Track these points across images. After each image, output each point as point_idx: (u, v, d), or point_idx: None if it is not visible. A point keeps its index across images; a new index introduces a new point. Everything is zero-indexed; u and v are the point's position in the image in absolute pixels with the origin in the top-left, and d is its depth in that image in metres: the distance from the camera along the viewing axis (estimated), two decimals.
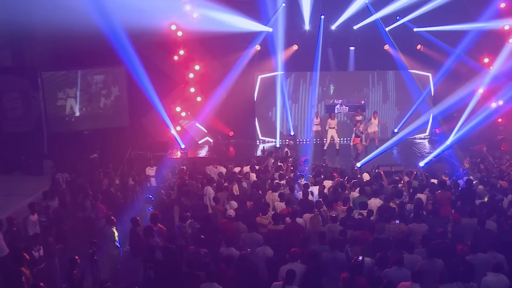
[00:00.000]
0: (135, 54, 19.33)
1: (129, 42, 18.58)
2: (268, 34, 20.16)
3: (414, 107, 20.83)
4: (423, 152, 19.07)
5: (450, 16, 19.51)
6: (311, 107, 20.74)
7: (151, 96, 19.71)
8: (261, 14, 19.64)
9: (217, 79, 20.31)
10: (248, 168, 15.04)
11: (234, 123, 21.21)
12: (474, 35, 19.18)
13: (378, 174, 13.71)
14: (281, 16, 20.23)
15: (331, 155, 19.05)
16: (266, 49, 20.35)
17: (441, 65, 20.58)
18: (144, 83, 19.52)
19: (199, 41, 20.11)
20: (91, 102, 19.46)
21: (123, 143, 19.54)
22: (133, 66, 19.44)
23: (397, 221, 10.06)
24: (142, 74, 19.60)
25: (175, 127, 20.48)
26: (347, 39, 21.28)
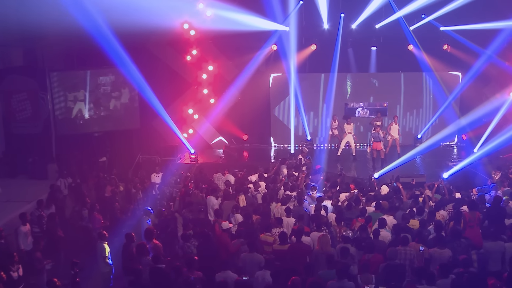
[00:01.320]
0: (146, 54, 18.89)
1: (140, 42, 18.12)
2: (285, 33, 19.18)
3: (440, 111, 19.55)
4: (449, 161, 17.78)
5: (479, 14, 18.26)
6: (329, 110, 19.57)
7: (163, 98, 19.21)
8: (277, 12, 18.64)
9: (231, 80, 19.50)
10: (256, 177, 14.11)
11: (249, 127, 20.35)
12: (506, 34, 17.85)
13: (396, 186, 12.61)
14: (298, 15, 19.30)
15: (346, 162, 18.00)
16: (282, 49, 19.34)
17: (469, 67, 19.23)
18: (156, 84, 19.01)
19: (212, 41, 19.48)
20: (101, 104, 18.79)
21: (133, 147, 18.96)
22: (145, 67, 18.98)
23: (421, 247, 8.98)
24: (154, 75, 19.15)
25: (187, 129, 19.75)
26: (368, 38, 20.13)
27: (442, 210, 11.31)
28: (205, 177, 14.77)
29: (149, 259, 9.11)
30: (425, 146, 18.08)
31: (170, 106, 19.61)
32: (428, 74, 19.90)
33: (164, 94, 19.11)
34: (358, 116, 20.36)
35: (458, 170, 14.46)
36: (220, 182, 14.53)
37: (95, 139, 19.05)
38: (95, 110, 18.81)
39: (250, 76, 19.14)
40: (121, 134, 18.95)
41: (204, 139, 20.04)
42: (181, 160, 18.12)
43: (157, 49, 19.14)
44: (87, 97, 18.48)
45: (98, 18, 15.46)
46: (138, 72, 18.30)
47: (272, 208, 11.99)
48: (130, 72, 17.63)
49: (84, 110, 18.50)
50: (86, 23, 15.28)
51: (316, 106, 20.15)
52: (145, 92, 17.69)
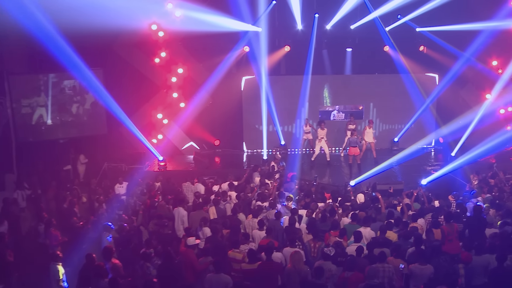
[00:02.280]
0: (112, 56, 18.00)
1: (105, 44, 17.27)
2: (257, 34, 18.49)
3: (417, 114, 19.04)
4: (426, 166, 17.29)
5: (455, 15, 17.91)
6: (303, 113, 18.90)
7: (131, 102, 18.38)
8: (249, 12, 17.94)
9: (202, 83, 18.64)
10: (226, 186, 13.37)
11: (220, 131, 19.57)
12: (482, 36, 17.53)
13: (375, 196, 11.99)
14: (271, 15, 18.67)
15: (321, 168, 17.33)
16: (255, 51, 18.65)
17: (445, 68, 18.91)
18: (122, 88, 18.16)
19: (182, 42, 18.67)
20: (66, 109, 17.80)
21: (100, 154, 17.98)
22: (111, 69, 18.09)
23: (402, 265, 8.36)
24: (120, 78, 18.28)
25: (157, 135, 18.91)
26: (343, 39, 19.55)
27: (421, 219, 10.74)
28: (172, 186, 13.97)
29: (106, 282, 8.30)
30: (406, 154, 17.37)
31: (138, 110, 18.87)
32: (404, 75, 19.38)
33: (132, 98, 18.39)
34: (334, 119, 19.77)
35: (438, 177, 13.89)
36: (189, 191, 13.78)
37: (59, 146, 18.08)
38: (59, 115, 17.83)
39: (222, 78, 18.37)
40: (88, 140, 18.02)
41: (174, 145, 19.18)
42: (149, 167, 17.24)
43: (123, 51, 18.24)
44: (49, 102, 17.49)
45: (60, 19, 14.66)
46: (103, 76, 17.75)
47: (243, 221, 11.28)
48: (93, 76, 16.84)
49: (46, 115, 17.48)
50: (48, 24, 14.55)
51: (289, 109, 19.44)
52: (108, 97, 16.87)
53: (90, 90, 17.29)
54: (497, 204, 11.50)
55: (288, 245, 9.45)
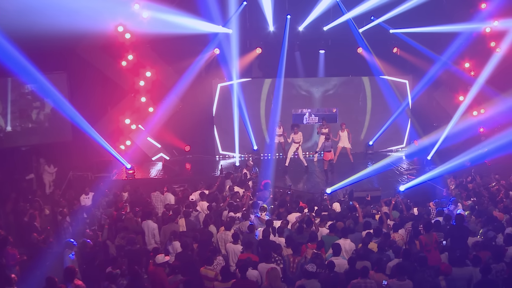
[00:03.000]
0: (76, 60, 17.17)
1: (68, 47, 16.46)
2: (227, 36, 17.94)
3: (393, 118, 18.77)
4: (402, 169, 17.01)
5: (429, 17, 17.79)
6: (276, 117, 18.41)
7: (97, 107, 17.61)
8: (219, 13, 17.38)
9: (171, 86, 17.99)
10: (197, 195, 12.75)
11: (191, 137, 18.91)
12: (457, 38, 17.40)
13: (352, 205, 11.55)
14: (241, 16, 18.11)
15: (295, 174, 16.86)
16: (225, 53, 18.13)
17: (419, 70, 18.77)
18: (88, 92, 17.37)
19: (150, 45, 18.08)
20: (24, 115, 16.91)
21: (64, 162, 17.10)
22: (74, 73, 17.26)
23: (385, 282, 7.91)
24: (85, 82, 17.49)
25: (125, 141, 18.15)
26: (316, 41, 19.16)
27: (401, 229, 10.35)
28: (141, 197, 13.25)
29: None
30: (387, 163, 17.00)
31: (105, 116, 18.15)
32: (378, 78, 19.11)
33: (98, 103, 17.68)
34: (306, 123, 19.31)
35: (416, 184, 13.53)
36: (158, 201, 13.12)
37: (20, 154, 17.18)
38: (20, 122, 16.94)
39: (192, 82, 17.81)
40: (50, 148, 17.16)
41: (143, 151, 18.43)
42: (116, 176, 16.47)
43: (88, 54, 17.39)
44: (8, 107, 16.59)
45: (18, 20, 13.88)
46: (67, 80, 16.98)
47: (215, 234, 10.69)
48: (59, 78, 15.98)
49: (5, 121, 16.55)
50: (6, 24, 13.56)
51: (261, 113, 18.91)
52: (66, 104, 16.06)
53: (46, 96, 16.36)
54: (478, 211, 11.18)
55: (264, 261, 8.90)
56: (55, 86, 16.43)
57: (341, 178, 14.99)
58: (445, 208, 11.53)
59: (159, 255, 9.03)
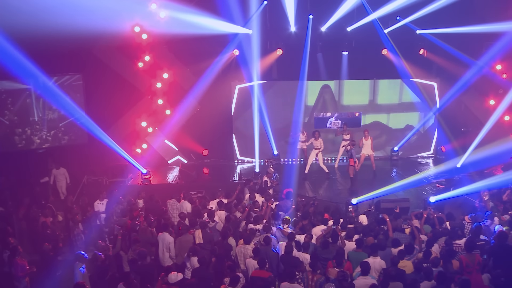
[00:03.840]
0: (92, 61, 16.71)
1: (84, 47, 16.02)
2: (247, 36, 17.29)
3: (422, 122, 17.92)
4: (429, 177, 16.17)
5: (459, 17, 16.88)
6: (296, 121, 17.73)
7: (113, 109, 17.12)
8: (239, 13, 16.74)
9: (189, 89, 17.47)
10: (215, 204, 12.13)
11: (209, 140, 18.29)
12: (486, 39, 16.52)
13: (382, 218, 10.80)
14: (262, 16, 17.41)
15: (316, 182, 16.13)
16: (245, 54, 17.47)
17: (447, 72, 17.87)
18: (103, 94, 16.88)
19: (167, 45, 17.50)
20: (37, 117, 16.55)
21: (79, 166, 16.66)
22: (90, 75, 16.79)
23: None
24: (101, 84, 17.00)
25: (141, 144, 17.65)
26: (339, 42, 18.37)
27: (435, 246, 9.60)
28: (156, 204, 12.68)
29: None
30: None
31: (121, 118, 17.61)
32: (405, 80, 18.33)
33: (113, 106, 17.12)
34: (330, 127, 18.58)
35: (450, 197, 12.64)
36: (174, 209, 12.55)
37: (36, 157, 16.76)
38: (34, 124, 16.55)
39: (210, 84, 17.17)
40: (65, 151, 16.75)
41: (159, 155, 17.89)
42: (132, 181, 15.94)
43: (104, 55, 16.88)
44: None
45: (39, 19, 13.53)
46: (82, 82, 16.55)
47: (234, 246, 10.07)
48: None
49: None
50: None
51: (282, 117, 18.23)
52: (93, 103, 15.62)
53: (62, 98, 15.90)
54: None
55: (287, 280, 8.25)
56: (71, 87, 16.10)
57: (364, 186, 14.32)
58: (481, 222, 10.72)
59: (171, 273, 8.45)
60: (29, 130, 16.49)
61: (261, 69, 17.64)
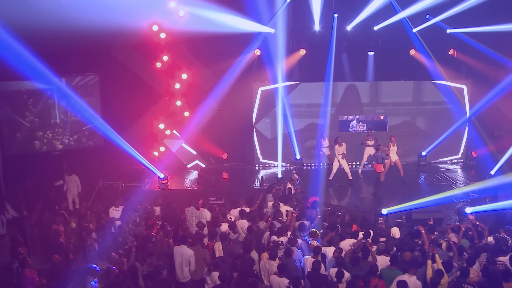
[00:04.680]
0: (108, 60, 16.18)
1: (101, 46, 15.53)
2: (269, 36, 16.60)
3: (454, 127, 17.05)
4: (460, 184, 15.30)
5: (492, 15, 15.96)
6: (320, 124, 17.00)
7: (130, 111, 16.59)
8: (261, 12, 16.10)
9: (208, 90, 16.92)
10: (236, 212, 11.44)
11: (229, 143, 17.63)
12: None
13: (416, 231, 10.00)
14: (285, 15, 16.63)
15: (342, 188, 15.38)
16: (266, 54, 16.79)
17: (479, 74, 16.93)
18: (120, 95, 16.35)
19: (186, 45, 16.98)
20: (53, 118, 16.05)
21: (94, 169, 16.13)
22: (107, 75, 16.30)
23: None
24: (118, 85, 16.46)
25: (158, 147, 17.09)
26: (365, 42, 17.62)
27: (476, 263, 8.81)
28: (174, 212, 12.03)
29: None
30: None
31: (138, 120, 17.08)
32: (434, 83, 17.48)
33: (130, 107, 16.63)
34: (353, 130, 17.78)
35: (493, 210, 11.72)
36: (193, 218, 11.87)
37: (51, 159, 16.26)
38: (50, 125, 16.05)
39: (230, 85, 16.53)
40: (80, 153, 16.22)
41: (178, 158, 17.31)
42: (149, 185, 15.35)
43: (121, 54, 16.38)
44: None
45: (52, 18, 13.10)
46: (99, 82, 16.05)
47: (256, 260, 9.39)
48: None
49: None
50: None
51: (305, 119, 17.50)
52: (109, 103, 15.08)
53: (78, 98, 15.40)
54: None
55: None
56: (87, 88, 15.60)
57: (390, 193, 13.53)
58: None
59: None
60: (51, 134, 16.01)
61: (284, 69, 16.90)
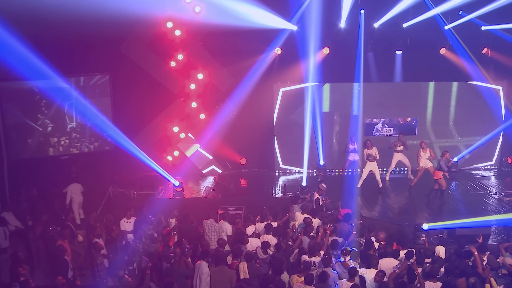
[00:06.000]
0: (120, 59, 15.23)
1: (112, 45, 14.73)
2: (291, 33, 15.57)
3: (494, 132, 15.88)
4: (499, 195, 14.12)
5: None
6: (345, 127, 15.96)
7: (142, 113, 15.65)
8: (282, 7, 15.05)
9: (226, 91, 16.02)
10: (262, 227, 10.37)
11: (247, 148, 16.55)
12: None
13: (467, 251, 8.88)
14: (306, 11, 15.43)
15: (372, 197, 14.23)
16: (288, 53, 15.78)
17: None
18: (132, 96, 15.39)
19: (202, 43, 16.00)
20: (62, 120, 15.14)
21: (104, 175, 15.18)
22: (118, 75, 15.48)
23: None
24: (130, 85, 15.50)
25: (172, 151, 16.10)
26: (392, 40, 16.45)
27: None
28: (191, 225, 10.96)
29: None
30: None
31: (151, 123, 16.18)
32: (466, 83, 16.33)
33: (143, 109, 15.77)
34: (378, 134, 16.65)
35: None
36: (212, 231, 10.84)
37: (59, 164, 15.31)
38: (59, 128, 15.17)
39: (249, 86, 15.55)
40: (90, 158, 15.37)
41: (193, 163, 16.28)
42: (162, 193, 14.32)
43: (133, 53, 15.45)
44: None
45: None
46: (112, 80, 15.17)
47: (287, 282, 8.32)
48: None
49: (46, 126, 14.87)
50: None
51: (329, 122, 16.39)
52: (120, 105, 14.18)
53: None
54: None
55: None
56: (98, 89, 14.66)
57: (423, 204, 12.78)
58: None
59: None
60: (68, 140, 15.12)
61: (306, 69, 15.84)
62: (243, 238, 9.71)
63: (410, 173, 15.65)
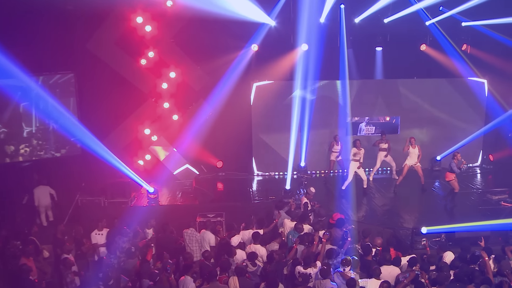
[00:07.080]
0: (86, 57, 14.24)
1: (77, 41, 13.89)
2: (269, 29, 14.92)
3: (486, 128, 15.52)
4: (489, 195, 13.71)
5: None
6: (326, 127, 15.35)
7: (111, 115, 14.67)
8: (260, 2, 14.34)
9: (200, 90, 15.25)
10: (247, 235, 9.54)
11: (224, 150, 15.75)
12: None
13: (474, 255, 8.26)
14: (285, 7, 14.96)
15: (357, 199, 13.45)
16: (266, 50, 15.06)
17: (497, 70, 15.48)
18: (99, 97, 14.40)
19: (174, 39, 15.11)
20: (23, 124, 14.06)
21: (71, 182, 14.04)
22: (83, 74, 14.53)
23: None
24: (97, 85, 14.49)
25: (144, 155, 15.11)
26: (372, 37, 15.95)
27: None
28: (171, 236, 10.03)
29: None
30: None
31: (120, 125, 15.20)
32: (448, 80, 16.00)
33: (111, 110, 14.75)
34: (363, 133, 16.08)
35: None
36: (193, 242, 9.95)
37: (20, 171, 14.15)
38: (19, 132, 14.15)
39: (225, 84, 14.76)
40: (53, 164, 14.32)
41: (166, 167, 15.35)
42: (136, 201, 13.31)
43: (100, 50, 14.50)
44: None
45: None
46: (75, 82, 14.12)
47: None
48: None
49: None
50: None
51: (311, 122, 15.68)
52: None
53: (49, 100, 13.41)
54: None
55: None
56: (61, 89, 13.52)
57: (410, 205, 12.28)
58: None
59: None
60: (28, 148, 13.98)
61: (284, 66, 15.17)
62: (230, 249, 8.85)
63: (394, 173, 15.13)
